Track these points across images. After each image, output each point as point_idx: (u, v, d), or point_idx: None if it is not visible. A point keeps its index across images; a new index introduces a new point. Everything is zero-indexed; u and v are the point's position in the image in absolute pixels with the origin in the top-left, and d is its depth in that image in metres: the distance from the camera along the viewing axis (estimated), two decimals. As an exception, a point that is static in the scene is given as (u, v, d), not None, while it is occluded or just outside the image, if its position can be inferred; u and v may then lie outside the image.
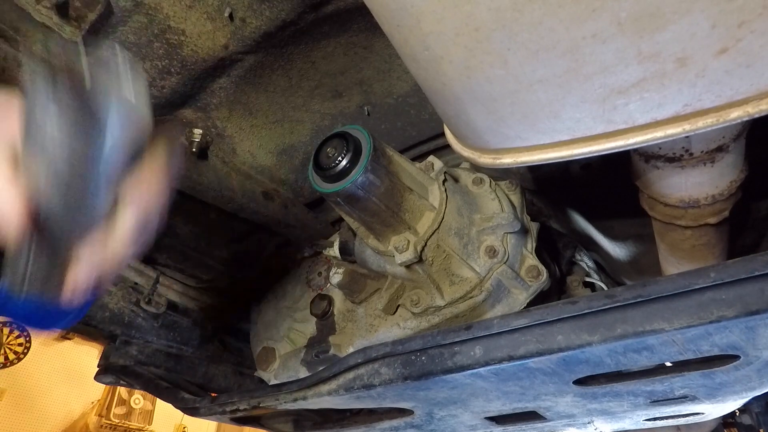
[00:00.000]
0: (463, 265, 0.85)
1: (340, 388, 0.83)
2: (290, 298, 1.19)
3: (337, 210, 0.84)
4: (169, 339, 1.25)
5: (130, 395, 4.28)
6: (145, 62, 0.88)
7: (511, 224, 0.87)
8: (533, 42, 0.44)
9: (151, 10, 0.81)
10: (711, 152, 0.66)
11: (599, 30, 0.42)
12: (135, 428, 4.27)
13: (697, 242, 0.85)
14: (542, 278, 0.89)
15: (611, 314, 0.61)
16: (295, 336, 1.11)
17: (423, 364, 0.74)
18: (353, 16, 0.89)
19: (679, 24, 0.40)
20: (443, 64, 0.50)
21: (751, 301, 0.53)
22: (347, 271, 0.96)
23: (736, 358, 0.67)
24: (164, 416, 4.50)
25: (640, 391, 0.83)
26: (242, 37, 0.86)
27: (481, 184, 0.95)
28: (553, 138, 0.54)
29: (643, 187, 0.80)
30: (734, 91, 0.45)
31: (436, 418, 0.98)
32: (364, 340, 0.96)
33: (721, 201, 0.75)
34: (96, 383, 1.22)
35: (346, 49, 0.96)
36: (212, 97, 0.99)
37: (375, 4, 0.51)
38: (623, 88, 0.47)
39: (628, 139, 0.51)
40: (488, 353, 0.69)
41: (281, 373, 1.08)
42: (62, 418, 4.01)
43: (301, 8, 0.83)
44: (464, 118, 0.58)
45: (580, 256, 1.33)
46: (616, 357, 0.66)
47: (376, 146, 0.78)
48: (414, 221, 0.84)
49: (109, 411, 4.11)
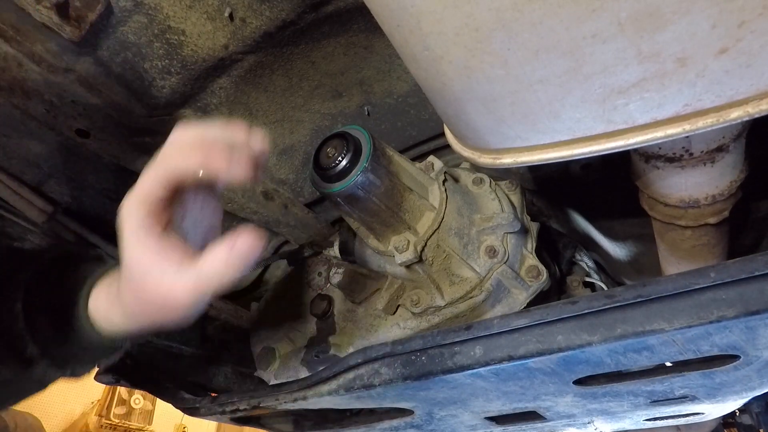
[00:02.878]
0: (463, 265, 0.85)
1: (340, 388, 0.83)
2: (290, 298, 1.19)
3: (337, 210, 0.84)
4: (169, 339, 1.25)
5: (130, 395, 4.28)
6: (145, 62, 0.88)
7: (511, 224, 0.87)
8: (533, 42, 0.44)
9: (151, 10, 0.81)
10: (711, 152, 0.66)
11: (599, 30, 0.42)
12: (135, 428, 4.27)
13: (697, 242, 0.85)
14: (542, 278, 0.89)
15: (611, 314, 0.62)
16: (295, 336, 1.11)
17: (423, 364, 0.74)
18: (353, 16, 0.89)
19: (679, 24, 0.40)
20: (443, 64, 0.50)
21: (751, 301, 0.54)
22: (347, 271, 0.96)
23: (736, 358, 0.67)
24: (164, 416, 4.49)
25: (640, 391, 0.83)
26: (242, 37, 0.86)
27: (481, 184, 0.95)
28: (553, 138, 0.55)
29: (643, 187, 0.80)
30: (734, 91, 0.45)
31: (436, 418, 0.98)
32: (364, 340, 0.96)
33: (721, 201, 0.75)
34: (96, 383, 1.22)
35: (346, 49, 0.96)
36: (212, 97, 0.99)
37: (375, 4, 0.51)
38: (623, 88, 0.47)
39: (628, 139, 0.52)
40: (488, 353, 0.69)
41: (281, 373, 1.08)
42: (62, 418, 4.01)
43: (301, 8, 0.83)
44: (464, 118, 0.58)
45: (580, 256, 1.33)
46: (616, 357, 0.66)
47: (376, 146, 0.78)
48: (414, 221, 0.84)
49: (109, 411, 4.11)
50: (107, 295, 0.62)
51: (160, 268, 0.53)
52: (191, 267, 0.53)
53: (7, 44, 0.82)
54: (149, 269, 0.54)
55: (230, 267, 0.53)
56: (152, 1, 0.80)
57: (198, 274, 0.53)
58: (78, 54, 0.85)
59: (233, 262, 0.52)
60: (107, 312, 0.62)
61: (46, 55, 0.84)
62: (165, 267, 0.53)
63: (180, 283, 0.53)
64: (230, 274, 0.53)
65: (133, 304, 0.58)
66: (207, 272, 0.53)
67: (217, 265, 0.52)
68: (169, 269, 0.53)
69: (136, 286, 0.55)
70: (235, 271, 0.53)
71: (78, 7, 0.77)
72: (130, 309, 0.59)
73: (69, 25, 0.77)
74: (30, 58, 0.84)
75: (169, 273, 0.53)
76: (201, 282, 0.53)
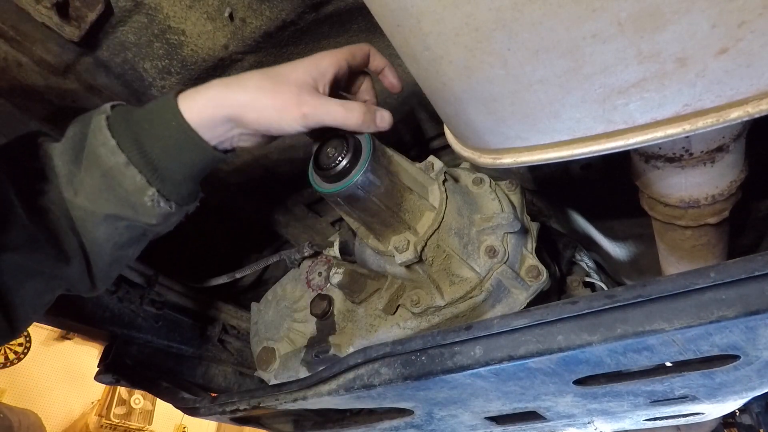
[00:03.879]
0: (463, 265, 0.85)
1: (340, 388, 0.83)
2: (290, 298, 1.19)
3: (337, 210, 0.84)
4: (169, 339, 1.25)
5: (130, 395, 4.28)
6: (145, 62, 0.88)
7: (511, 224, 0.87)
8: (533, 42, 0.44)
9: (151, 10, 0.81)
10: (711, 152, 0.66)
11: (599, 30, 0.42)
12: (135, 428, 4.27)
13: (697, 242, 0.85)
14: (542, 278, 0.88)
15: (611, 314, 0.62)
16: (295, 336, 1.11)
17: (423, 364, 0.74)
18: (353, 16, 0.89)
19: (679, 24, 0.40)
20: (443, 64, 0.50)
21: (751, 301, 0.54)
22: (347, 271, 0.96)
23: (736, 358, 0.67)
24: (164, 416, 4.49)
25: (640, 391, 0.83)
26: (242, 37, 0.86)
27: (481, 184, 0.95)
28: (554, 138, 0.55)
29: (643, 187, 0.80)
30: (734, 91, 0.45)
31: (436, 418, 0.98)
32: (364, 340, 0.96)
33: (721, 201, 0.75)
34: (96, 383, 1.22)
35: (346, 49, 0.96)
36: (212, 97, 0.98)
37: (375, 4, 0.51)
38: (623, 88, 0.47)
39: (628, 139, 0.52)
40: (488, 353, 0.69)
41: (281, 373, 1.08)
42: (62, 418, 4.01)
43: (301, 8, 0.83)
44: (464, 118, 0.58)
45: (580, 256, 1.33)
46: (616, 357, 0.66)
47: (376, 146, 0.78)
48: (414, 221, 0.84)
49: (109, 411, 4.11)
50: (207, 105, 0.66)
51: (313, 88, 0.68)
52: (336, 100, 0.69)
53: (7, 44, 0.82)
54: (304, 81, 0.67)
55: (367, 118, 0.70)
56: (152, 1, 0.80)
57: (343, 104, 0.68)
58: (78, 54, 0.85)
59: (367, 113, 0.70)
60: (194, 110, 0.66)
61: (46, 55, 0.84)
62: (313, 86, 0.68)
63: (323, 99, 0.67)
64: (363, 123, 0.70)
65: (257, 88, 0.66)
66: (350, 106, 0.69)
67: (360, 109, 0.69)
68: (317, 92, 0.68)
69: (280, 78, 0.66)
70: (367, 123, 0.71)
71: (78, 7, 0.77)
72: (249, 95, 0.66)
73: (69, 25, 0.77)
74: (30, 58, 0.84)
75: (316, 93, 0.68)
76: (342, 108, 0.68)
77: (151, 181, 0.64)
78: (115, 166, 0.63)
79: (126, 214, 0.66)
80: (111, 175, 0.64)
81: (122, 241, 0.71)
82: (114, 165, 0.63)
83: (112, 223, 0.68)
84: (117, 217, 0.67)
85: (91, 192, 0.66)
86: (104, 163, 0.63)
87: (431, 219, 0.84)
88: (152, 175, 0.64)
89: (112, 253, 0.71)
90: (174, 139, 0.65)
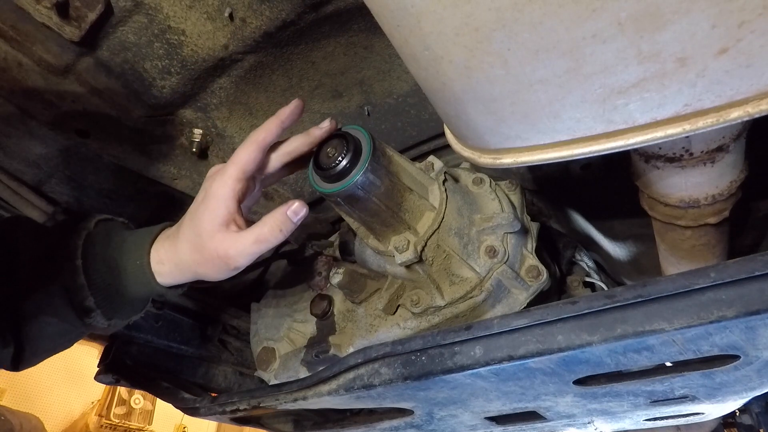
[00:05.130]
0: (463, 265, 0.85)
1: (340, 388, 0.83)
2: (290, 298, 1.19)
3: (337, 210, 0.84)
4: (169, 339, 1.24)
5: (130, 395, 4.28)
6: (145, 62, 0.88)
7: (511, 224, 0.87)
8: (533, 42, 0.45)
9: (151, 10, 0.81)
10: (711, 152, 0.66)
11: (599, 30, 0.42)
12: (135, 428, 4.27)
13: (697, 242, 0.85)
14: (542, 278, 0.88)
15: (611, 314, 0.62)
16: (295, 336, 1.11)
17: (423, 364, 0.74)
18: (353, 16, 0.89)
19: (679, 24, 0.40)
20: (443, 64, 0.50)
21: (751, 301, 0.54)
22: (347, 271, 0.95)
23: (736, 358, 0.67)
24: (164, 416, 4.49)
25: (640, 391, 0.83)
26: (242, 37, 0.86)
27: (481, 184, 0.95)
28: (554, 138, 0.55)
29: (643, 187, 0.80)
30: (734, 91, 0.45)
31: (436, 418, 0.98)
32: (364, 340, 0.96)
33: (721, 201, 0.75)
34: (96, 383, 1.22)
35: (346, 49, 0.96)
36: (212, 97, 0.99)
37: (375, 4, 0.51)
38: (623, 88, 0.47)
39: (628, 139, 0.52)
40: (488, 353, 0.69)
41: (281, 373, 1.08)
42: (62, 418, 4.01)
43: (301, 8, 0.83)
44: (464, 118, 0.58)
45: (580, 256, 1.33)
46: (616, 357, 0.66)
47: (376, 146, 0.78)
48: (414, 221, 0.84)
49: (109, 411, 4.11)
50: (165, 250, 0.75)
51: (227, 230, 0.70)
52: (250, 230, 0.71)
53: (7, 44, 0.82)
54: (219, 230, 0.70)
55: (284, 226, 0.71)
56: (152, 1, 0.80)
57: (257, 234, 0.70)
58: (78, 54, 0.85)
59: (286, 222, 0.71)
60: (160, 264, 0.75)
61: (46, 55, 0.84)
62: (232, 229, 0.71)
63: (240, 242, 0.70)
64: (282, 234, 0.71)
65: (191, 256, 0.72)
66: (263, 233, 0.70)
67: (272, 224, 0.70)
68: (233, 232, 0.70)
69: (201, 241, 0.70)
70: (287, 230, 0.72)
71: (78, 7, 0.77)
72: (188, 259, 0.72)
73: (69, 25, 0.77)
74: (30, 58, 0.84)
75: (233, 234, 0.70)
76: (258, 240, 0.70)
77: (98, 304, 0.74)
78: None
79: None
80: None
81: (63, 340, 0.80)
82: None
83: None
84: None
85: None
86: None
87: (431, 219, 0.84)
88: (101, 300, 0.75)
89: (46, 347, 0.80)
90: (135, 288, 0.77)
